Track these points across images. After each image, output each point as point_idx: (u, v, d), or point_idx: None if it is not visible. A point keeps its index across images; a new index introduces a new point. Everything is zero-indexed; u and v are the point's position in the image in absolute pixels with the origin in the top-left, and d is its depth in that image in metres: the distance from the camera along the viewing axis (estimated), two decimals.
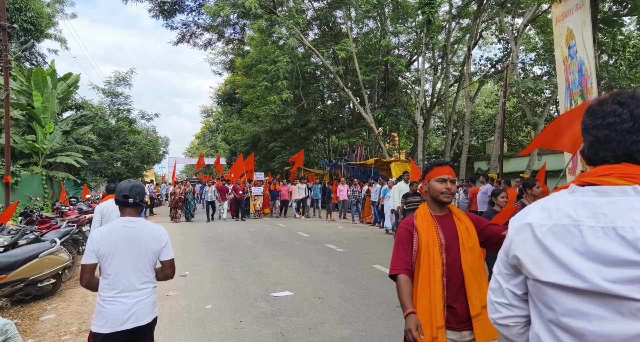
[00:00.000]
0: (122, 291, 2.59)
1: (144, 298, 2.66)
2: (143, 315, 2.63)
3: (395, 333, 4.31)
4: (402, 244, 2.24)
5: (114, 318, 2.55)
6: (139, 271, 2.66)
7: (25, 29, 18.10)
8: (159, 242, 2.75)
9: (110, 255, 2.59)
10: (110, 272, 2.60)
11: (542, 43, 20.88)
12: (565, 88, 9.17)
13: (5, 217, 7.35)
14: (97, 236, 2.65)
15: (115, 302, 2.57)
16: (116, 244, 2.61)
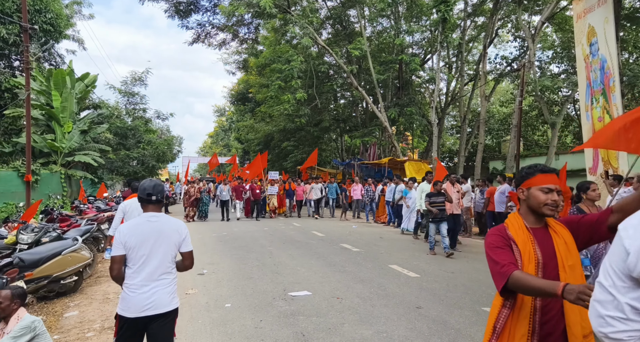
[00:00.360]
0: (144, 280, 2.82)
1: (164, 288, 2.87)
2: (162, 304, 2.84)
3: (416, 335, 4.28)
4: (504, 248, 1.95)
5: (136, 305, 2.79)
6: (160, 262, 2.88)
7: (44, 30, 18.42)
8: (179, 235, 2.98)
9: (136, 247, 2.83)
10: (135, 262, 2.84)
11: (559, 41, 20.52)
12: (586, 86, 8.99)
13: (29, 215, 7.50)
14: (124, 229, 2.88)
15: (137, 290, 2.81)
16: (141, 237, 2.85)
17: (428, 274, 6.94)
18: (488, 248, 2.01)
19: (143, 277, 2.82)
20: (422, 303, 5.34)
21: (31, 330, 3.24)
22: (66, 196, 17.49)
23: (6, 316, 3.37)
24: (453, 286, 6.17)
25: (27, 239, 6.50)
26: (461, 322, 4.64)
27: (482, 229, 12.01)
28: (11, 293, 3.40)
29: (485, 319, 4.61)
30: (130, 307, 2.79)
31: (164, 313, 2.85)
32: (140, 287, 2.81)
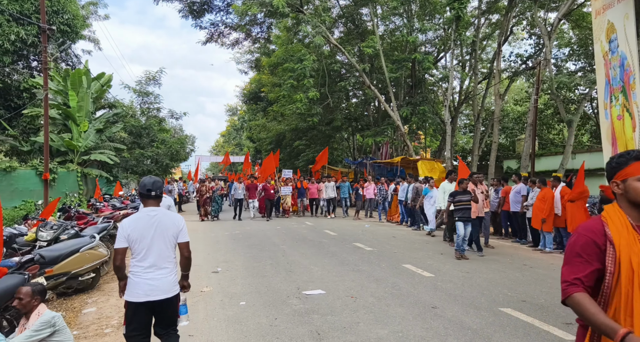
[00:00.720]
0: (147, 268, 3.12)
1: (165, 275, 3.16)
2: (164, 290, 3.14)
3: (432, 335, 4.25)
4: (584, 256, 1.70)
5: (141, 289, 3.08)
6: (161, 252, 3.17)
7: (61, 30, 18.73)
8: (177, 227, 3.26)
9: (138, 239, 3.12)
10: (138, 253, 3.12)
11: (577, 38, 20.16)
12: (605, 84, 8.80)
13: (48, 212, 7.64)
14: (126, 224, 3.18)
15: (142, 275, 3.10)
16: (142, 230, 3.13)
17: (443, 274, 6.89)
18: (569, 249, 1.78)
19: (146, 266, 3.11)
20: (437, 303, 5.30)
21: (51, 325, 3.31)
22: (82, 194, 17.78)
23: (27, 312, 3.44)
24: (469, 286, 6.11)
25: (47, 236, 6.62)
26: (478, 322, 4.59)
27: (497, 229, 11.87)
28: (31, 290, 3.47)
29: (504, 321, 4.57)
30: (137, 291, 3.08)
31: (167, 299, 3.16)
32: (144, 275, 3.10)
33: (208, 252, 9.27)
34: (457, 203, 8.37)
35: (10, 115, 18.58)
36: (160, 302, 3.12)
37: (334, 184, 17.30)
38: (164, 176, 25.02)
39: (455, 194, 8.58)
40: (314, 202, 17.76)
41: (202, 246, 10.07)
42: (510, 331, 4.34)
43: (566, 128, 19.37)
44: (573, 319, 4.67)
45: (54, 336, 3.30)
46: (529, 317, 4.74)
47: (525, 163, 17.82)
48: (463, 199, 8.39)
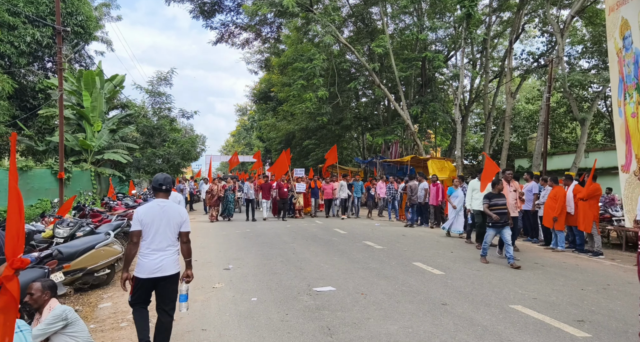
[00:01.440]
0: (154, 250, 3.68)
1: (169, 256, 3.73)
2: (168, 268, 3.70)
3: (442, 331, 4.27)
4: None
5: (148, 268, 3.64)
6: (166, 236, 3.74)
7: (75, 32, 19.06)
8: (181, 217, 3.86)
9: (149, 224, 3.70)
10: (147, 236, 3.69)
11: (590, 35, 19.89)
12: (619, 81, 8.70)
13: (64, 210, 7.82)
14: (140, 210, 3.79)
15: (149, 256, 3.66)
16: (153, 217, 3.73)
17: (453, 272, 6.89)
18: None
19: (153, 248, 3.67)
20: (447, 300, 5.31)
21: (63, 318, 3.40)
22: (96, 193, 18.08)
23: (39, 307, 3.55)
24: (479, 284, 6.11)
25: (63, 233, 6.79)
26: (488, 319, 4.60)
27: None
28: (41, 285, 3.57)
29: (515, 318, 4.58)
30: (144, 270, 3.64)
31: (169, 275, 3.71)
32: (151, 255, 3.66)
33: (220, 250, 9.38)
34: (492, 207, 7.72)
35: (26, 116, 18.97)
36: (162, 278, 3.68)
37: (347, 183, 16.51)
38: (175, 175, 25.28)
39: (490, 196, 7.86)
40: (329, 202, 16.94)
41: (214, 244, 10.19)
42: (521, 328, 4.34)
43: (579, 126, 19.14)
44: (584, 317, 4.67)
45: (68, 329, 3.40)
46: (540, 314, 4.74)
47: (537, 162, 17.66)
48: (499, 202, 7.76)
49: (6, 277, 1.97)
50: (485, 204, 7.89)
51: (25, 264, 2.02)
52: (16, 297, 2.01)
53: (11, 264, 1.95)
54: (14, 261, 1.95)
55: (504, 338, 4.07)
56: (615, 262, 8.04)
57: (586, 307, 5.08)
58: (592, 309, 5.01)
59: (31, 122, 20.01)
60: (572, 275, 6.82)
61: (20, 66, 18.32)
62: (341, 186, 16.13)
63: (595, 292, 5.74)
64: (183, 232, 3.83)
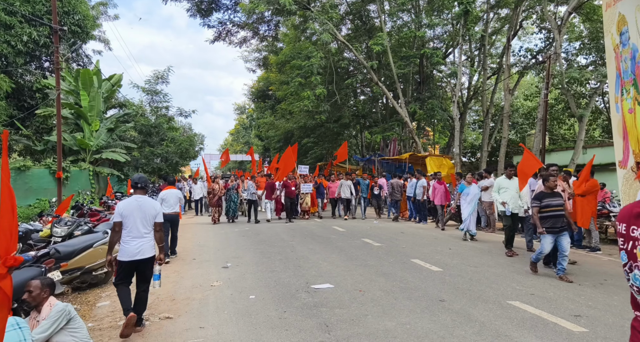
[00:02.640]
0: (133, 237, 4.42)
1: (146, 243, 4.48)
2: (146, 252, 4.45)
3: (440, 327, 4.28)
4: None
5: (129, 252, 4.38)
6: (142, 226, 4.48)
7: (72, 31, 19.02)
8: (155, 210, 4.62)
9: (128, 216, 4.43)
10: (127, 225, 4.43)
11: (587, 31, 19.89)
12: (616, 77, 8.70)
13: (62, 209, 7.81)
14: (120, 205, 4.53)
15: (130, 243, 4.40)
16: (131, 210, 4.46)
17: (451, 268, 6.90)
18: None
19: (132, 236, 4.41)
20: (445, 296, 5.32)
21: (66, 313, 3.42)
22: (94, 192, 18.07)
23: (37, 305, 3.55)
24: (477, 280, 6.12)
25: (61, 232, 6.78)
26: (486, 315, 4.61)
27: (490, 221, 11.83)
28: (40, 283, 3.58)
29: (512, 313, 4.59)
30: (126, 254, 4.37)
31: (147, 258, 4.47)
32: (131, 242, 4.39)
33: (218, 248, 9.38)
34: (545, 209, 6.33)
35: (24, 115, 18.93)
36: (141, 261, 4.43)
37: (351, 182, 15.13)
38: (174, 173, 25.25)
39: (541, 196, 6.42)
40: (335, 202, 15.84)
41: (212, 243, 10.19)
42: (518, 323, 4.35)
43: (577, 123, 19.16)
44: (581, 311, 4.69)
45: (70, 324, 3.41)
46: (537, 309, 4.75)
47: None
48: (552, 203, 6.34)
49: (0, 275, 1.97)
50: (534, 206, 6.38)
51: (18, 262, 2.02)
52: (9, 295, 2.01)
53: (4, 262, 1.95)
54: (7, 259, 1.95)
55: (501, 333, 4.08)
56: (613, 258, 8.06)
57: (583, 302, 5.09)
58: (589, 304, 5.02)
59: (29, 121, 19.97)
60: (570, 270, 6.83)
61: (18, 66, 18.27)
62: (341, 186, 15.00)
63: (592, 288, 5.75)
64: (157, 223, 4.59)
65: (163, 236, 4.71)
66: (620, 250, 1.75)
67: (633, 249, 1.66)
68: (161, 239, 4.66)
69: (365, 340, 3.99)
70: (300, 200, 15.10)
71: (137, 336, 4.36)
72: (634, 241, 1.65)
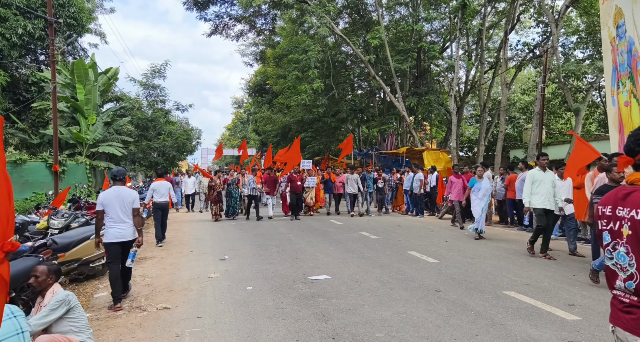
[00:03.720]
0: (115, 222, 5.12)
1: (127, 227, 5.17)
2: (127, 235, 5.16)
3: (436, 316, 4.32)
4: None
5: (112, 235, 5.10)
6: (122, 212, 5.15)
7: (68, 24, 18.85)
8: (131, 197, 5.26)
9: (109, 205, 5.12)
10: (109, 212, 5.13)
11: (585, 25, 19.89)
12: (612, 70, 8.74)
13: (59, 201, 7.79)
14: (101, 195, 5.23)
15: (113, 227, 5.11)
16: (110, 199, 5.15)
17: (447, 260, 6.95)
18: None
19: (114, 221, 5.10)
20: (441, 287, 5.37)
21: (66, 303, 3.43)
22: (91, 186, 18.03)
23: (42, 290, 3.57)
24: (472, 271, 6.17)
25: (58, 224, 6.78)
26: (481, 304, 4.66)
27: (503, 218, 11.89)
28: (47, 268, 3.60)
29: (508, 303, 4.64)
30: (110, 236, 5.10)
31: (129, 240, 5.20)
32: (114, 226, 5.11)
33: (215, 241, 9.40)
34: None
35: (19, 109, 18.81)
36: (124, 242, 5.16)
37: (357, 176, 14.01)
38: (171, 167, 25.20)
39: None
40: (338, 197, 14.87)
41: (210, 236, 10.21)
42: (513, 312, 4.40)
43: (574, 117, 19.22)
44: (575, 301, 4.74)
45: (70, 314, 3.42)
46: (532, 299, 4.80)
47: (532, 152, 17.72)
48: None
49: None
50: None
51: (15, 247, 2.03)
52: (7, 280, 2.03)
53: (2, 247, 1.96)
54: (5, 244, 1.96)
55: (497, 322, 4.13)
56: None
57: (577, 292, 5.15)
58: (583, 293, 5.08)
59: (25, 115, 19.85)
60: (564, 262, 6.90)
61: (13, 59, 18.13)
62: (347, 180, 13.87)
63: (587, 278, 5.81)
64: (134, 208, 5.24)
65: (141, 220, 5.32)
66: (602, 232, 1.87)
67: (620, 228, 1.77)
68: (139, 223, 5.27)
69: (362, 329, 4.02)
70: (305, 194, 14.13)
71: (135, 325, 4.38)
72: (621, 220, 1.77)
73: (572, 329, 3.96)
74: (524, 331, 3.91)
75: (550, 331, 3.91)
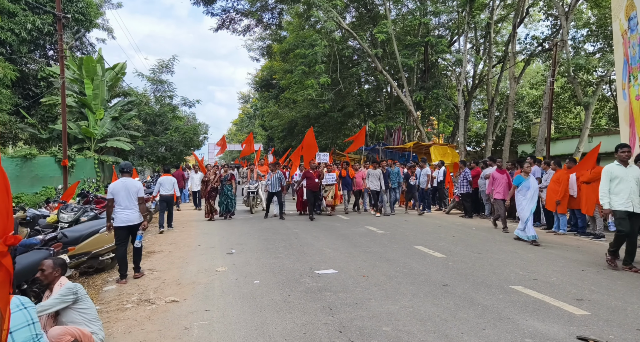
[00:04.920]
0: (123, 209, 5.95)
1: (133, 213, 6.03)
2: (133, 219, 6.02)
3: (443, 310, 4.32)
4: None
5: (121, 220, 5.94)
6: (129, 200, 6.00)
7: (76, 19, 18.95)
8: (136, 187, 6.12)
9: (117, 194, 5.97)
10: (118, 200, 5.97)
11: (595, 18, 19.58)
12: (624, 63, 8.61)
13: (68, 195, 7.88)
14: (110, 186, 6.08)
15: (121, 213, 5.95)
16: (118, 189, 5.98)
17: (454, 255, 6.94)
18: None
19: (122, 208, 5.94)
20: (448, 281, 5.36)
21: (74, 292, 3.49)
22: (100, 180, 18.19)
23: (49, 283, 3.65)
24: (480, 266, 6.15)
25: (68, 217, 6.86)
26: (488, 299, 4.65)
27: (510, 212, 11.81)
28: (53, 262, 3.67)
29: (515, 298, 4.62)
30: (119, 221, 5.94)
31: (135, 224, 6.04)
32: (122, 212, 5.95)
33: (222, 235, 9.46)
34: None
35: (29, 104, 18.99)
36: (131, 226, 6.02)
37: (380, 172, 12.69)
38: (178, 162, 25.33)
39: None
40: (358, 194, 13.68)
41: (217, 230, 10.27)
42: (520, 307, 4.39)
43: (583, 111, 18.99)
44: (584, 296, 4.71)
45: (78, 304, 3.47)
46: (539, 294, 4.78)
47: (540, 147, 17.58)
48: None
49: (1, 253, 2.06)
50: None
51: (18, 241, 2.11)
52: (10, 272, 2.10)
53: (4, 241, 2.04)
54: (7, 238, 2.05)
55: (504, 316, 4.12)
56: None
57: (586, 287, 5.12)
58: (591, 288, 5.04)
59: (34, 110, 20.03)
60: (573, 256, 6.86)
61: (22, 54, 18.27)
62: (369, 175, 12.65)
63: (596, 273, 5.77)
64: (140, 198, 6.09)
65: (145, 207, 6.22)
66: None
67: None
68: (143, 209, 6.13)
69: (369, 322, 4.04)
70: (324, 193, 12.93)
71: (144, 318, 4.43)
72: None
73: (581, 323, 3.94)
74: (532, 325, 3.90)
75: (558, 325, 3.89)
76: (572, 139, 19.46)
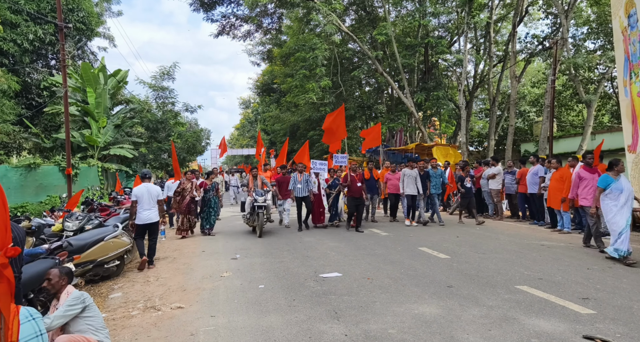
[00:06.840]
0: (145, 209, 7.13)
1: (153, 212, 7.23)
2: (153, 218, 7.22)
3: (448, 311, 4.31)
4: None
5: (142, 218, 7.13)
6: (150, 202, 7.19)
7: (77, 28, 19.11)
8: (157, 191, 7.36)
9: (140, 196, 7.11)
10: (140, 202, 7.12)
11: (595, 16, 19.56)
12: (625, 60, 8.59)
13: (72, 204, 7.93)
14: (135, 189, 7.23)
15: (143, 213, 7.13)
16: (142, 192, 7.13)
17: (459, 256, 6.92)
18: None
19: (144, 208, 7.10)
20: (453, 282, 5.35)
21: (82, 301, 3.50)
22: (104, 188, 18.27)
23: (56, 292, 3.66)
24: (484, 267, 6.14)
25: (73, 226, 6.89)
26: (493, 299, 4.64)
27: (514, 212, 11.78)
28: (59, 271, 3.69)
29: (520, 297, 4.61)
30: (140, 219, 7.10)
31: (154, 222, 7.23)
32: (143, 212, 7.11)
33: (226, 240, 9.47)
34: None
35: (32, 114, 19.13)
36: (150, 224, 7.20)
37: (417, 173, 10.80)
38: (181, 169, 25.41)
39: None
40: (395, 199, 11.77)
41: (221, 235, 10.27)
42: (526, 306, 4.38)
43: (586, 109, 18.94)
44: (589, 294, 4.70)
45: (86, 312, 3.49)
46: (544, 293, 4.77)
47: (543, 145, 17.53)
48: None
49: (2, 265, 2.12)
50: None
51: (17, 253, 2.18)
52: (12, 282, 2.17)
53: (5, 253, 2.11)
54: (8, 250, 2.12)
55: (509, 317, 4.11)
56: None
57: (591, 285, 5.10)
58: (597, 287, 5.02)
59: (37, 120, 20.18)
60: (578, 255, 6.83)
61: (25, 64, 18.42)
62: (405, 177, 10.77)
63: (601, 271, 5.74)
64: (159, 200, 7.32)
65: (163, 208, 7.52)
66: None
67: None
68: (161, 210, 7.42)
69: (374, 325, 4.04)
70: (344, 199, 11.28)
71: (150, 325, 4.45)
72: None
73: (587, 322, 3.92)
74: (537, 325, 3.89)
75: (564, 324, 3.88)
76: (575, 137, 19.40)
